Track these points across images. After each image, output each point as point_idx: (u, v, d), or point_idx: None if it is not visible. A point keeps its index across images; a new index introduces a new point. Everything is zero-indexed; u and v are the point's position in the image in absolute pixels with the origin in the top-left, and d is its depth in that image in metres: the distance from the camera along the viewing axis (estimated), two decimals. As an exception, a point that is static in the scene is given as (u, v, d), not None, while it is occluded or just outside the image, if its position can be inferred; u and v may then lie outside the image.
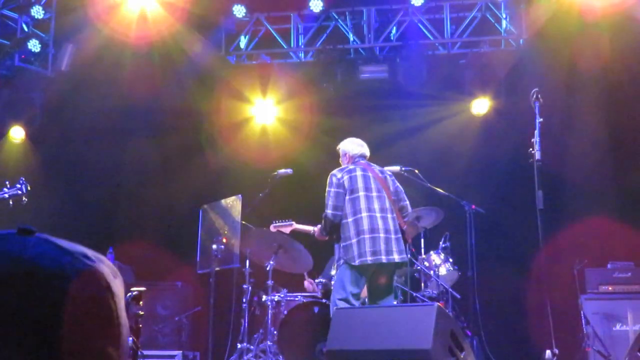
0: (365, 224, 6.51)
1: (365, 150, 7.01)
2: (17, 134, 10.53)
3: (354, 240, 6.53)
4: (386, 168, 7.12)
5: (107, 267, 0.88)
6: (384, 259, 6.46)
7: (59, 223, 9.31)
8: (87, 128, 10.27)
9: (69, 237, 0.91)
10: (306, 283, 8.40)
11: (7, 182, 6.71)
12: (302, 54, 10.78)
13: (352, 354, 5.61)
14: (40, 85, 10.27)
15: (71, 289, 0.82)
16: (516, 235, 9.03)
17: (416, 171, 7.85)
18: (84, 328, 0.81)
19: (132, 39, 9.91)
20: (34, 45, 10.07)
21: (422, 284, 8.09)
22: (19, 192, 6.60)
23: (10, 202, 6.62)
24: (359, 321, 5.85)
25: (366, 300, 6.91)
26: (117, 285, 0.88)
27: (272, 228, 7.73)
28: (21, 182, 6.71)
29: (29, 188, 6.74)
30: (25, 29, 10.20)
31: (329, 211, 6.68)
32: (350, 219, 6.59)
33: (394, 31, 10.45)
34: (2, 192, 6.58)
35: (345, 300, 6.48)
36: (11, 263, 0.81)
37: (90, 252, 0.88)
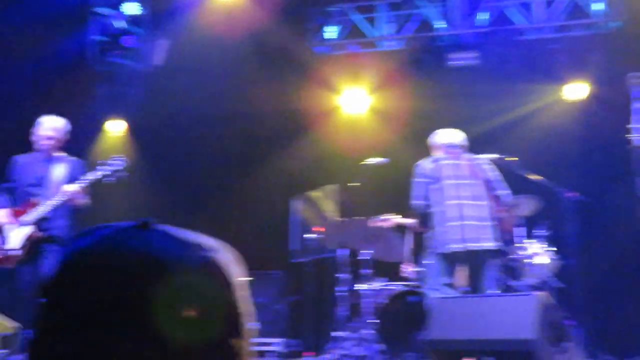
0: (453, 212, 6.49)
1: (456, 139, 6.94)
2: (116, 128, 10.83)
3: (440, 229, 6.51)
4: (482, 156, 7.05)
5: (225, 256, 0.89)
6: (472, 246, 6.43)
7: (156, 214, 9.52)
8: (182, 120, 10.48)
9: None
10: (404, 267, 8.33)
11: (103, 162, 6.91)
12: (390, 43, 10.74)
13: (453, 343, 5.61)
14: (137, 79, 10.54)
15: (190, 283, 0.83)
16: (618, 222, 8.80)
17: (512, 159, 7.75)
18: (205, 322, 0.83)
19: (223, 32, 10.06)
20: (129, 41, 10.33)
21: (521, 273, 7.98)
22: (116, 167, 6.80)
23: (113, 178, 6.82)
24: (459, 310, 5.84)
25: (465, 289, 6.88)
26: (236, 273, 0.88)
27: (373, 223, 7.75)
28: (119, 158, 6.91)
29: (127, 163, 6.94)
30: (121, 25, 10.46)
31: (414, 201, 6.69)
32: (437, 208, 6.57)
33: (483, 17, 10.31)
34: (102, 170, 6.78)
35: (437, 289, 6.47)
36: (132, 258, 0.83)
37: (207, 242, 0.89)
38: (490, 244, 6.49)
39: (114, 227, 0.88)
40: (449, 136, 6.95)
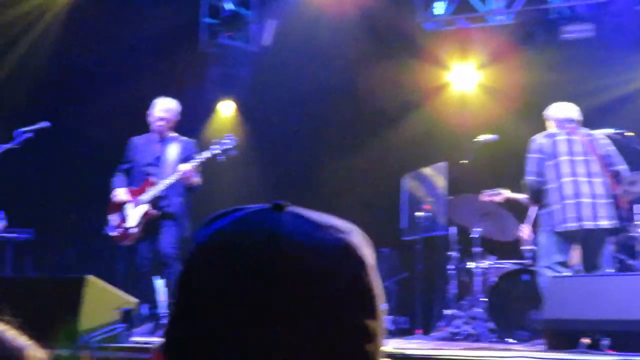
0: (569, 189, 6.34)
1: (573, 114, 6.76)
2: (226, 109, 11.04)
3: (556, 207, 6.38)
4: (597, 131, 6.83)
5: (358, 237, 0.88)
6: (590, 224, 6.28)
7: (265, 193, 9.67)
8: (290, 100, 10.58)
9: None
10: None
11: (214, 141, 7.08)
12: (501, 17, 10.50)
13: (568, 323, 5.50)
14: (246, 60, 10.72)
15: (326, 265, 0.82)
16: None
17: (630, 133, 7.47)
18: (341, 303, 0.82)
19: (331, 11, 10.10)
20: (238, 23, 10.51)
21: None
22: (227, 146, 6.95)
23: (223, 157, 6.98)
24: (576, 290, 5.73)
25: (579, 267, 6.72)
26: (369, 255, 0.88)
27: (483, 197, 7.64)
28: (229, 137, 7.06)
29: (237, 142, 7.08)
30: (230, 7, 10.63)
31: (529, 177, 6.57)
32: (553, 185, 6.43)
33: (598, -13, 9.95)
34: (213, 148, 6.95)
35: (550, 268, 6.35)
36: (268, 240, 0.83)
37: (340, 223, 0.88)
38: (606, 222, 6.31)
39: (247, 209, 0.89)
40: (565, 110, 6.77)
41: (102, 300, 4.84)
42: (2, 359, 1.12)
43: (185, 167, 6.82)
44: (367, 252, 0.88)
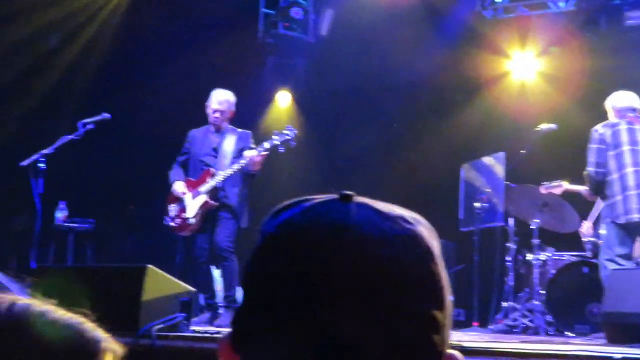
0: (632, 180, 6.24)
1: (634, 103, 6.62)
2: (283, 99, 11.09)
3: (619, 198, 6.27)
4: (659, 120, 6.69)
5: (425, 228, 0.87)
6: (652, 216, 6.15)
7: (323, 186, 9.68)
8: (347, 91, 10.57)
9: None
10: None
11: (275, 132, 7.09)
12: (562, 4, 10.32)
13: (629, 316, 5.41)
14: (303, 51, 10.74)
15: (394, 255, 0.82)
16: None
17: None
18: (409, 293, 0.82)
19: (388, 1, 10.06)
20: (296, 13, 10.53)
21: None
22: (287, 137, 6.95)
23: (283, 149, 6.98)
24: (637, 283, 5.63)
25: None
26: (436, 246, 0.87)
27: (543, 190, 7.52)
28: (288, 128, 7.06)
29: (297, 133, 7.07)
30: (289, -3, 10.69)
31: (590, 169, 6.47)
32: (615, 176, 6.33)
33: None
34: (274, 140, 6.95)
35: (613, 261, 6.24)
36: (336, 231, 0.83)
37: (408, 214, 0.87)
38: (670, 214, 6.17)
39: (315, 200, 0.89)
40: (626, 99, 6.65)
41: (162, 290, 4.89)
42: (80, 351, 1.14)
43: (252, 153, 6.84)
44: (435, 243, 0.87)
